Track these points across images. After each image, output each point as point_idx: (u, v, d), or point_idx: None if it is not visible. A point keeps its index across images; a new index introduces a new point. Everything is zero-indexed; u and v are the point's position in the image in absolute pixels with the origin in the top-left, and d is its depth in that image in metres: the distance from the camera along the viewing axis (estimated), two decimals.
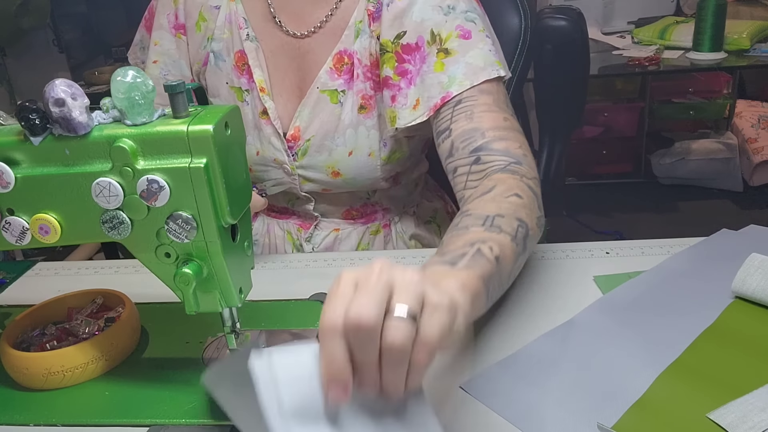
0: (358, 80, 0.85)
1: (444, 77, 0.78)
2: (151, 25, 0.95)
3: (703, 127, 2.88)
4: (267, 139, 0.89)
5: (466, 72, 0.77)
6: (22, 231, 0.55)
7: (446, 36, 0.79)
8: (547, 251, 0.82)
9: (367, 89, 0.85)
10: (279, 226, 0.98)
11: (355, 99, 0.85)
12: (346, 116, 0.85)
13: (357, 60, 0.84)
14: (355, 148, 0.86)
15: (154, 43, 0.93)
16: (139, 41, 1.00)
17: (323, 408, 0.43)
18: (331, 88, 0.85)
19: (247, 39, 0.87)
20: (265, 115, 0.88)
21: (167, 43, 0.92)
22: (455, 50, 0.79)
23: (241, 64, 0.88)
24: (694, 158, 2.75)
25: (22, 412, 0.59)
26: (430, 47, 0.80)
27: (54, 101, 0.50)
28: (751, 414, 0.51)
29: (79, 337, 0.66)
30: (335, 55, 0.85)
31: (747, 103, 2.87)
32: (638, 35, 2.57)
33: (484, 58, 0.78)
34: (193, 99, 0.57)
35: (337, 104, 0.85)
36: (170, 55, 0.93)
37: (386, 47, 0.82)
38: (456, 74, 0.78)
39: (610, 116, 2.81)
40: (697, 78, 2.74)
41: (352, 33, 0.84)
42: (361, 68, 0.84)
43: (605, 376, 0.58)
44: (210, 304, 0.57)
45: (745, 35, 2.30)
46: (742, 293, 0.66)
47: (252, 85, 0.88)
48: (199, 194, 0.51)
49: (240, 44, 0.88)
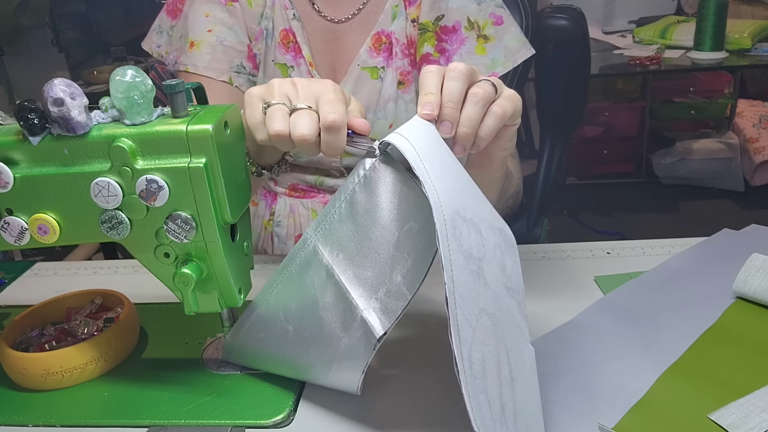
0: (396, 57, 0.92)
1: (487, 60, 0.91)
2: (173, 9, 0.97)
3: (705, 127, 2.88)
4: None
5: (506, 54, 0.90)
6: (21, 231, 0.54)
7: (483, 24, 0.92)
8: (548, 251, 0.82)
9: (405, 66, 0.93)
10: (303, 206, 0.99)
11: (394, 75, 0.92)
12: (386, 91, 0.92)
13: (395, 39, 0.92)
14: (395, 120, 0.93)
15: (205, 15, 0.94)
16: (158, 26, 0.99)
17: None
18: (371, 66, 0.92)
19: (294, 18, 0.93)
20: None
21: (219, 12, 0.94)
22: (493, 36, 0.91)
23: (286, 41, 0.93)
24: (696, 158, 2.75)
25: (21, 413, 0.59)
26: (469, 32, 0.91)
27: (53, 101, 0.50)
28: (752, 415, 0.51)
29: (78, 337, 0.66)
30: (373, 35, 0.92)
31: (748, 102, 2.86)
32: (639, 34, 2.57)
33: (518, 40, 0.91)
34: (192, 99, 0.57)
35: (377, 80, 0.92)
36: (225, 23, 0.94)
37: (427, 27, 0.91)
38: (498, 57, 0.91)
39: (611, 116, 2.81)
40: (698, 77, 2.73)
41: (388, 16, 0.92)
42: (399, 47, 0.92)
43: (606, 377, 0.57)
44: (209, 305, 0.57)
45: (746, 35, 2.30)
46: (744, 293, 0.66)
47: (300, 60, 0.93)
48: (198, 194, 0.51)
49: (287, 23, 0.93)
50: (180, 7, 0.96)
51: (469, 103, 0.56)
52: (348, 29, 0.93)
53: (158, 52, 0.97)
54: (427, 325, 0.68)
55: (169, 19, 0.97)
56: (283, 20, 0.93)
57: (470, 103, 0.56)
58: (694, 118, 2.81)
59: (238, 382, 0.61)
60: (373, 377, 0.60)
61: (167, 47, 0.97)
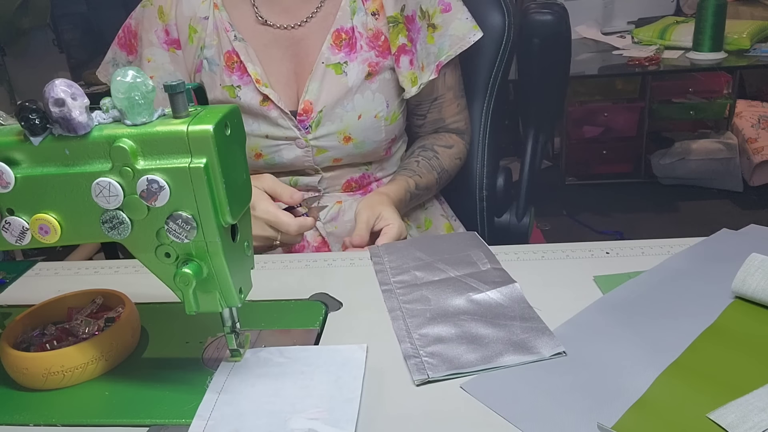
0: (362, 51, 0.96)
1: (435, 48, 0.99)
2: (126, 43, 1.01)
3: (704, 127, 2.88)
4: (274, 122, 0.97)
5: (451, 43, 0.99)
6: (22, 231, 0.55)
7: (432, 12, 0.99)
8: (547, 251, 0.82)
9: (372, 57, 0.97)
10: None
11: (360, 67, 0.96)
12: (352, 83, 0.96)
13: (358, 33, 0.96)
14: (363, 111, 0.97)
15: (147, 60, 0.99)
16: (111, 59, 1.05)
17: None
18: (334, 62, 0.96)
19: (235, 40, 0.96)
20: (266, 102, 0.97)
21: (160, 57, 0.99)
22: (440, 25, 0.99)
23: (230, 63, 0.96)
24: (694, 158, 2.75)
25: (22, 412, 0.59)
26: (422, 21, 0.98)
27: (54, 101, 0.50)
28: (751, 414, 0.51)
29: (79, 337, 0.66)
30: (333, 33, 0.96)
31: (747, 103, 2.87)
32: (638, 35, 2.57)
33: (464, 27, 0.98)
34: (193, 99, 0.57)
35: (341, 74, 0.96)
36: (166, 69, 0.99)
37: (397, 19, 0.97)
38: (443, 46, 0.99)
39: (610, 116, 2.81)
40: (697, 78, 2.73)
41: (346, 13, 0.97)
42: (363, 40, 0.96)
43: (605, 376, 0.58)
44: (210, 304, 0.57)
45: (745, 35, 2.30)
46: (743, 293, 0.66)
47: (246, 78, 0.96)
48: (199, 194, 0.51)
49: (229, 45, 0.96)
50: (134, 43, 1.01)
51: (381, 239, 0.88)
52: (306, 32, 0.97)
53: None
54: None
55: (124, 54, 1.03)
56: (225, 43, 0.96)
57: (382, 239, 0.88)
58: (693, 119, 2.82)
59: None
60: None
61: None
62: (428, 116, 1.08)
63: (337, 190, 1.04)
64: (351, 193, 1.05)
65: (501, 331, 0.64)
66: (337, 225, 1.02)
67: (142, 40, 0.99)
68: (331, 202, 1.03)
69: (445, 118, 1.08)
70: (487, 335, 0.64)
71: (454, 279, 0.74)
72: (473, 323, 0.66)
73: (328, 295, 0.75)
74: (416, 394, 0.58)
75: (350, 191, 1.05)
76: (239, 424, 0.54)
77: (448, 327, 0.66)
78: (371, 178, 1.06)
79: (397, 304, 0.71)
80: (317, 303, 0.73)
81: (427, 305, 0.70)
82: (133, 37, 1.01)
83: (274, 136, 0.98)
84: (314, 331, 0.68)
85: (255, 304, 0.73)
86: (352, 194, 1.05)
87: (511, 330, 0.64)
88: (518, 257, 0.81)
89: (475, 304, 0.69)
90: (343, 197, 1.04)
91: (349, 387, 0.58)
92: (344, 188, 1.04)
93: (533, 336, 0.63)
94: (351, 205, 1.03)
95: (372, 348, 0.64)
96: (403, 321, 0.68)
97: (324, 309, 0.72)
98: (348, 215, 1.03)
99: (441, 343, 0.64)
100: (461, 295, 0.71)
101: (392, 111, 1.00)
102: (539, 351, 0.61)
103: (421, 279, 0.75)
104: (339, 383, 0.58)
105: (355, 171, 1.04)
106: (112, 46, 1.05)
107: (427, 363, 0.61)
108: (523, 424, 0.53)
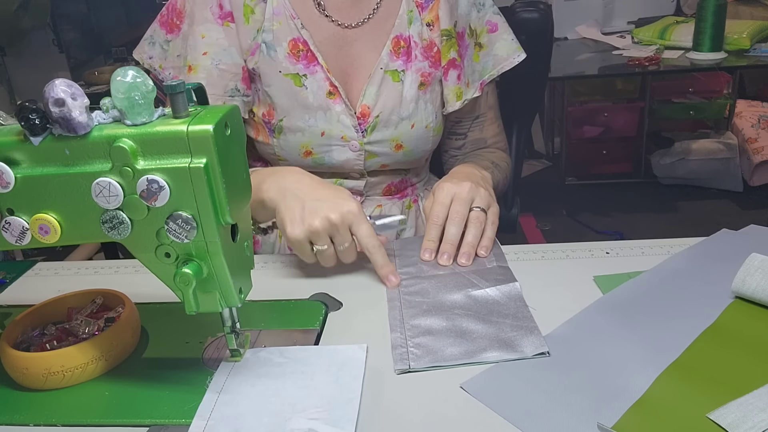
0: (416, 60, 0.97)
1: (479, 67, 1.02)
2: (167, 21, 0.97)
3: (703, 127, 2.88)
4: (336, 118, 0.95)
5: (494, 63, 1.02)
6: (22, 231, 0.55)
7: (480, 31, 1.01)
8: (547, 251, 0.82)
9: (426, 67, 0.98)
10: None
11: (414, 77, 0.97)
12: (407, 92, 0.97)
13: (414, 42, 0.97)
14: (416, 120, 0.98)
15: (201, 36, 0.94)
16: (150, 36, 1.00)
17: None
18: (392, 69, 0.96)
19: (303, 28, 0.94)
20: (332, 95, 0.94)
21: (215, 33, 0.94)
22: (486, 44, 1.02)
23: (296, 51, 0.94)
24: (694, 158, 2.75)
25: (22, 412, 0.59)
26: (470, 39, 1.01)
27: (54, 101, 0.50)
28: (751, 414, 0.51)
29: (79, 337, 0.66)
30: (392, 39, 0.96)
31: (747, 103, 2.87)
32: (638, 35, 2.57)
33: (508, 48, 1.02)
34: (193, 99, 0.57)
35: (398, 82, 0.96)
36: (220, 45, 0.94)
37: (451, 33, 0.97)
38: (487, 66, 1.02)
39: (610, 116, 2.82)
40: (697, 78, 2.74)
41: (404, 21, 0.97)
42: (418, 49, 0.97)
43: (605, 376, 0.58)
44: (210, 304, 0.57)
45: (745, 35, 2.30)
46: (742, 293, 0.66)
47: (315, 68, 0.94)
48: (199, 194, 0.51)
49: (296, 32, 0.94)
50: (177, 22, 0.96)
51: (470, 227, 0.80)
52: (359, 34, 0.96)
53: (150, 63, 0.98)
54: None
55: (164, 32, 0.98)
56: (290, 30, 0.94)
57: (471, 226, 0.80)
58: (693, 119, 2.82)
59: None
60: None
61: (160, 60, 0.98)
62: (469, 135, 1.08)
63: (378, 194, 1.04)
64: (390, 197, 1.05)
65: (491, 327, 0.65)
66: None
67: (194, 16, 0.94)
68: (372, 206, 1.04)
69: (487, 138, 1.09)
70: (475, 330, 0.65)
71: (458, 274, 0.76)
72: (465, 318, 0.67)
73: (328, 295, 0.75)
74: (416, 394, 0.58)
75: (389, 195, 1.05)
76: (239, 424, 0.54)
77: (440, 320, 0.67)
78: (408, 183, 1.07)
79: (398, 295, 0.73)
80: (317, 303, 0.73)
81: (426, 297, 0.72)
82: (177, 16, 0.97)
83: (330, 133, 0.95)
84: (314, 331, 0.68)
85: (255, 304, 0.73)
86: (391, 198, 1.05)
87: (500, 327, 0.65)
88: (518, 257, 0.81)
89: (471, 299, 0.70)
90: (383, 201, 1.05)
91: (349, 387, 0.58)
92: (384, 192, 1.05)
93: (521, 335, 0.64)
94: (390, 209, 1.04)
95: (372, 348, 0.64)
96: (399, 311, 0.70)
97: (324, 309, 0.72)
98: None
99: (429, 335, 0.65)
100: (460, 290, 0.72)
101: (439, 122, 1.01)
102: (523, 350, 0.62)
103: (426, 272, 0.77)
104: (339, 383, 0.58)
105: (396, 176, 1.05)
106: (153, 23, 1.00)
107: (412, 354, 0.62)
108: (522, 424, 0.53)
